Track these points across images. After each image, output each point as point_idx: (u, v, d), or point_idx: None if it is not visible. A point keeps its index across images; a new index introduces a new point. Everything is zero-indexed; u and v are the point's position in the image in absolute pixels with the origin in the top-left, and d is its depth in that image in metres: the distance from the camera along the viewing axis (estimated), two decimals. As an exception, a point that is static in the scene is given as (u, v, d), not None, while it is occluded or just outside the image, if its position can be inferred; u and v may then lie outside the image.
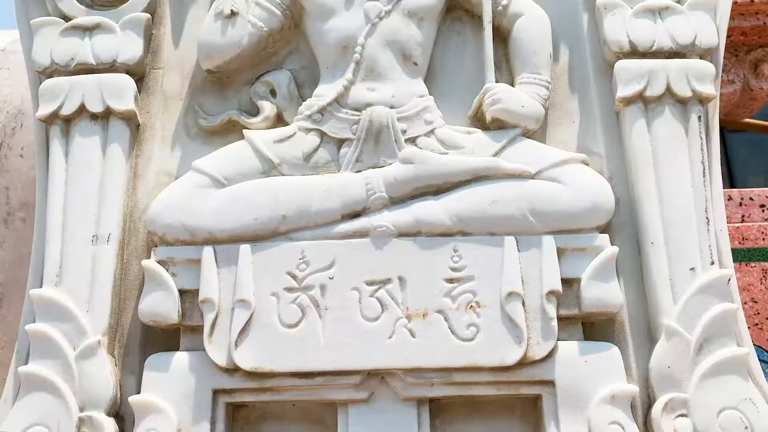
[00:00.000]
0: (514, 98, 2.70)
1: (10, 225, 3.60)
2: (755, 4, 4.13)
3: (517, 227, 2.55)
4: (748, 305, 3.50)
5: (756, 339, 3.47)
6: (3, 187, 3.62)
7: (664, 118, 2.67)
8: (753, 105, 4.39)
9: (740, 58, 4.29)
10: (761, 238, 3.59)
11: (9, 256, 3.57)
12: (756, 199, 3.83)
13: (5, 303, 3.53)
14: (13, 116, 3.69)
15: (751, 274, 3.55)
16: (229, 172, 2.64)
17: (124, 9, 2.87)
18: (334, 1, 2.83)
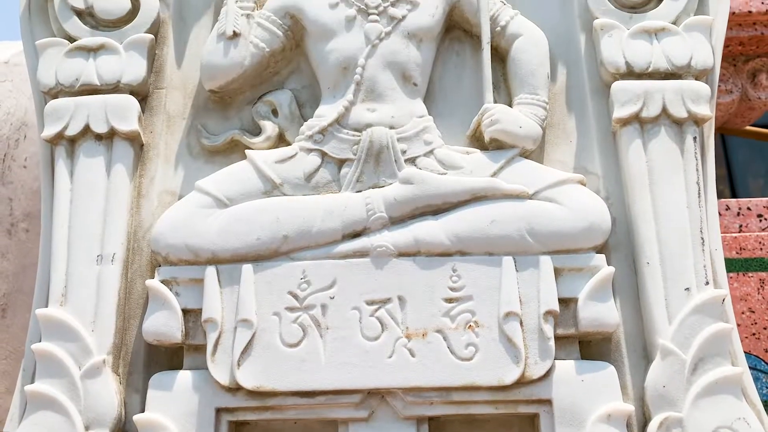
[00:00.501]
0: (511, 119, 2.73)
1: (14, 236, 3.63)
2: (753, 15, 4.16)
3: (515, 247, 2.59)
4: (746, 315, 3.54)
5: (753, 348, 3.50)
6: (6, 198, 3.65)
7: (660, 139, 2.70)
8: (751, 114, 4.42)
9: (738, 67, 4.32)
10: (758, 248, 3.61)
11: (12, 266, 3.61)
12: (753, 209, 3.86)
13: (9, 313, 3.56)
14: (16, 128, 3.73)
15: (748, 284, 3.57)
16: (232, 193, 2.68)
17: (127, 30, 2.90)
18: (334, 22, 2.86)
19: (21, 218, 3.67)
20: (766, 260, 3.61)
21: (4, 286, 3.57)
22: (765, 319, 3.52)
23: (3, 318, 3.54)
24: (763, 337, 3.50)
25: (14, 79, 3.83)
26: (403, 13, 2.85)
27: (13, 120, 3.74)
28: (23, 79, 3.83)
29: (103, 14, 2.92)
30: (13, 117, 3.74)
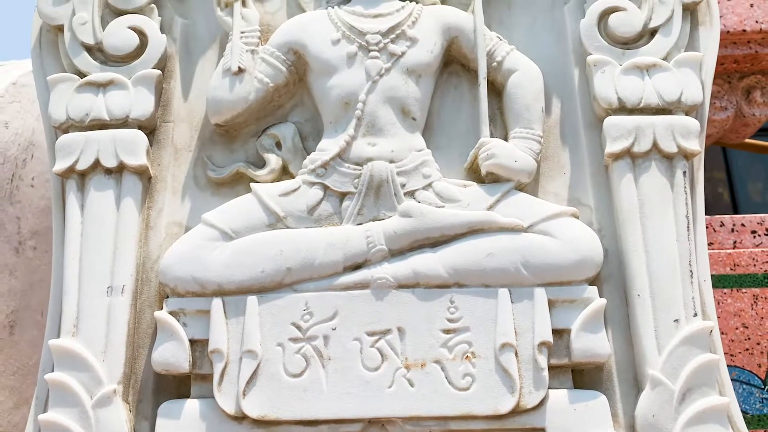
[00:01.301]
0: (507, 153, 2.83)
1: (22, 254, 3.73)
2: (747, 33, 4.25)
3: (511, 279, 2.68)
4: (739, 330, 3.62)
5: (747, 364, 3.59)
6: (14, 217, 3.74)
7: (651, 174, 2.79)
8: (745, 131, 4.51)
9: (733, 84, 4.40)
10: (752, 264, 3.69)
11: (20, 284, 3.70)
12: (747, 225, 3.95)
13: (17, 330, 3.65)
14: (24, 148, 3.81)
15: (742, 299, 3.66)
16: (237, 225, 2.77)
17: (136, 65, 2.99)
18: (336, 58, 2.95)
19: (28, 236, 3.76)
20: (760, 276, 3.69)
21: (12, 303, 3.65)
22: (758, 334, 3.61)
23: (11, 335, 3.63)
24: (756, 353, 3.59)
25: (22, 100, 3.90)
26: (402, 50, 2.94)
27: (21, 140, 3.82)
28: (31, 100, 3.92)
29: (112, 50, 3.00)
30: (20, 137, 3.82)
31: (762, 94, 4.43)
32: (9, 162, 3.77)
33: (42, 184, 3.87)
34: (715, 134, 4.53)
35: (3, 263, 3.66)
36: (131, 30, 3.03)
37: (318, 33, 2.99)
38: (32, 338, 3.71)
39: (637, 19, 2.96)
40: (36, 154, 3.86)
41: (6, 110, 3.86)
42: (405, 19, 2.99)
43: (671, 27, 2.96)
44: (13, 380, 3.60)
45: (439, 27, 3.01)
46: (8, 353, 3.61)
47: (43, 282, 3.79)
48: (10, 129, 3.81)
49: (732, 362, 3.59)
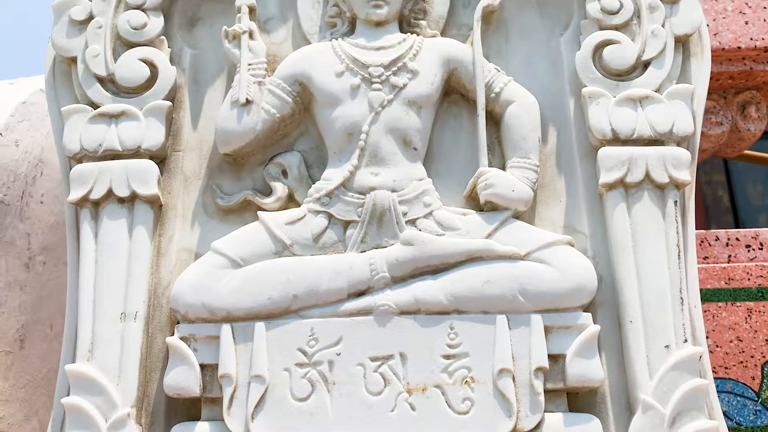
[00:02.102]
0: (505, 183, 2.93)
1: (32, 269, 3.83)
2: (742, 50, 4.34)
3: (508, 306, 2.79)
4: (734, 343, 3.72)
5: (741, 376, 3.69)
6: (25, 233, 3.84)
7: (643, 203, 2.90)
8: (741, 145, 4.60)
9: (728, 100, 4.49)
10: (746, 278, 3.79)
11: (30, 298, 3.81)
12: (742, 239, 4.05)
13: (27, 343, 3.77)
14: (33, 165, 3.91)
15: (736, 313, 3.75)
16: (245, 253, 2.88)
17: (147, 97, 3.09)
18: (340, 90, 3.06)
19: (38, 252, 3.87)
20: (754, 290, 3.79)
21: (22, 317, 3.76)
22: (752, 347, 3.71)
23: (21, 348, 3.73)
24: (750, 366, 3.68)
25: (31, 118, 4.00)
26: (404, 82, 3.05)
27: (31, 158, 3.92)
28: (40, 118, 4.02)
29: (123, 82, 3.10)
30: (30, 155, 3.92)
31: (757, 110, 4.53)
32: (19, 179, 3.87)
33: (51, 201, 3.97)
34: (711, 149, 4.63)
35: (14, 279, 3.76)
36: (142, 62, 3.13)
37: (323, 65, 3.09)
38: (42, 351, 3.82)
39: (631, 51, 3.06)
40: (45, 171, 3.97)
41: (16, 129, 3.95)
42: (406, 52, 3.10)
43: (664, 59, 3.06)
44: (23, 393, 3.71)
45: (439, 59, 3.11)
46: (19, 366, 3.72)
47: (52, 296, 3.91)
48: (20, 147, 3.91)
49: (726, 375, 3.69)
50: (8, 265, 3.75)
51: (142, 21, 3.17)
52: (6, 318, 3.70)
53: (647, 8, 3.10)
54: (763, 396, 3.68)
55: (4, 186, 3.80)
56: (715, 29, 4.36)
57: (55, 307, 3.91)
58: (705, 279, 3.81)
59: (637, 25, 3.11)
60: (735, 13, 4.40)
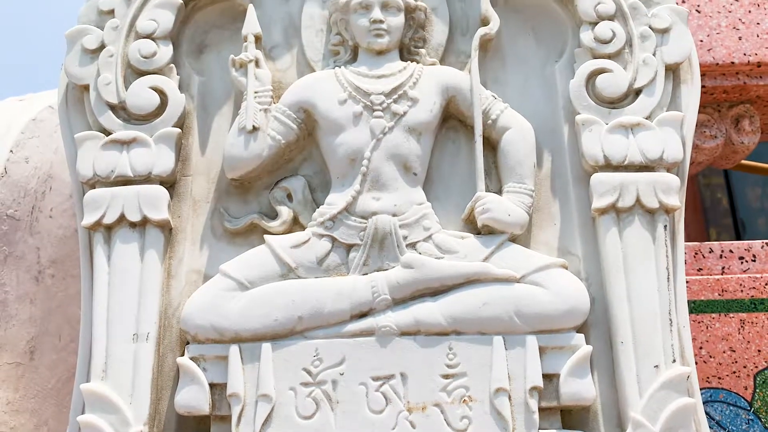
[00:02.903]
0: (501, 208, 3.06)
1: (41, 282, 3.96)
2: (735, 65, 4.44)
3: (505, 328, 2.92)
4: (727, 354, 3.83)
5: (733, 386, 3.80)
6: (34, 247, 3.97)
7: (634, 228, 3.02)
8: (735, 157, 4.70)
9: (722, 113, 4.59)
10: (739, 290, 3.90)
11: (39, 311, 3.94)
12: (735, 251, 4.16)
13: (37, 355, 3.89)
14: (43, 180, 4.03)
15: (729, 324, 3.86)
16: (252, 276, 3.01)
17: (157, 124, 3.21)
18: (343, 117, 3.18)
19: (47, 265, 3.99)
20: (747, 302, 3.90)
21: (32, 330, 3.89)
22: (745, 358, 3.82)
23: (31, 360, 3.86)
24: (743, 376, 3.80)
25: (41, 135, 4.13)
26: (404, 109, 3.17)
27: (40, 173, 4.04)
28: (48, 134, 4.14)
29: (134, 109, 3.22)
30: (40, 171, 4.04)
31: (750, 123, 4.62)
32: (29, 195, 3.99)
33: (60, 215, 4.09)
34: (705, 161, 4.74)
35: (24, 293, 3.89)
36: (152, 90, 3.24)
37: (326, 93, 3.22)
38: (50, 362, 3.94)
39: (623, 80, 3.17)
40: (54, 186, 4.08)
41: (26, 146, 4.08)
42: (407, 80, 3.21)
43: (654, 87, 3.17)
44: (33, 403, 3.83)
45: (438, 87, 3.23)
46: (29, 378, 3.84)
47: (60, 308, 4.03)
48: (30, 164, 4.03)
49: (719, 384, 3.81)
50: (19, 278, 3.88)
51: (152, 50, 3.28)
52: (17, 330, 3.84)
53: (639, 37, 3.22)
54: (755, 405, 3.78)
55: (15, 202, 3.92)
56: (709, 45, 4.46)
57: (64, 318, 4.02)
58: (699, 291, 3.92)
59: (629, 53, 3.22)
60: (728, 29, 4.50)
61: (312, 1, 3.46)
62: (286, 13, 3.48)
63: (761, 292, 3.92)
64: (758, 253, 4.15)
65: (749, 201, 8.46)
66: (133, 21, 3.33)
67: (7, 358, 3.80)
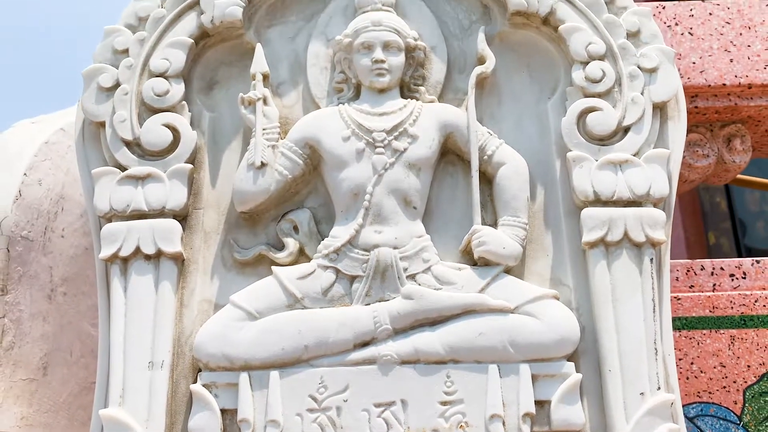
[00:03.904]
0: (496, 241, 3.23)
1: (54, 300, 4.12)
2: (727, 87, 4.55)
3: (499, 357, 3.09)
4: (717, 369, 3.97)
5: (724, 401, 3.93)
6: (47, 266, 4.12)
7: (622, 261, 3.19)
8: (726, 175, 4.82)
9: (715, 133, 4.70)
10: (730, 307, 4.03)
11: (52, 328, 4.10)
12: (726, 269, 4.29)
13: (50, 370, 4.05)
14: (55, 201, 4.19)
15: (720, 340, 4.00)
16: (261, 306, 3.19)
17: (170, 160, 3.38)
18: (347, 154, 3.35)
19: (59, 283, 4.16)
20: (737, 318, 4.03)
21: (45, 346, 4.05)
22: (734, 373, 3.95)
23: (45, 375, 4.02)
24: (733, 390, 3.93)
25: (53, 157, 4.28)
26: (404, 146, 3.34)
27: (53, 195, 4.19)
28: (60, 156, 4.30)
29: (148, 146, 3.38)
30: (52, 192, 4.19)
31: (741, 142, 4.74)
32: (42, 216, 4.15)
33: (71, 234, 4.24)
34: (698, 179, 4.87)
35: (37, 310, 4.05)
36: (165, 127, 3.41)
37: (331, 130, 3.39)
38: (62, 376, 4.11)
39: (612, 118, 3.34)
40: (66, 206, 4.25)
41: (39, 168, 4.23)
42: (407, 118, 3.38)
43: (642, 125, 3.34)
44: (46, 417, 3.99)
45: (436, 124, 3.40)
46: (42, 392, 4.00)
47: (71, 324, 4.20)
48: (43, 186, 4.19)
49: (710, 399, 3.95)
50: (32, 297, 4.04)
51: (165, 88, 3.45)
52: (30, 347, 4.00)
53: (628, 77, 3.38)
54: (744, 420, 3.90)
55: (28, 223, 4.08)
56: (701, 66, 4.59)
57: (75, 334, 4.19)
58: (690, 307, 4.06)
59: (619, 92, 3.38)
60: (720, 52, 4.62)
61: (317, 40, 3.63)
62: (292, 51, 3.65)
63: (751, 308, 4.05)
64: (749, 271, 4.28)
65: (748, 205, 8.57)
66: (147, 60, 3.49)
67: (22, 375, 3.94)
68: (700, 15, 4.68)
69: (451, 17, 3.67)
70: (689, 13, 4.66)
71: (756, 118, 4.66)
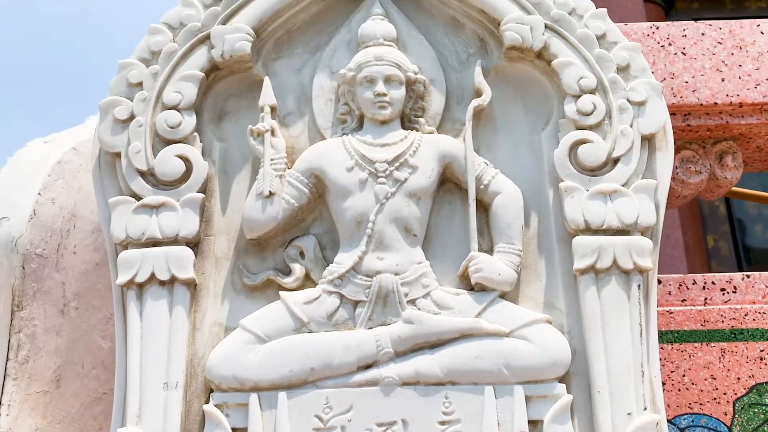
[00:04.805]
0: (492, 267, 3.41)
1: (66, 315, 4.28)
2: (718, 105, 4.67)
3: (495, 378, 3.27)
4: (708, 381, 4.12)
5: (714, 412, 4.07)
6: (60, 282, 4.28)
7: (611, 287, 3.36)
8: (719, 191, 4.96)
9: (707, 149, 4.83)
10: (720, 321, 4.19)
11: (65, 342, 4.26)
12: (717, 283, 4.44)
13: (62, 383, 4.22)
14: (67, 219, 4.34)
15: (710, 353, 4.15)
16: (269, 330, 3.37)
17: (182, 189, 3.55)
18: (350, 183, 3.53)
19: (72, 298, 4.32)
20: (727, 332, 4.19)
21: (58, 359, 4.21)
22: (725, 385, 4.10)
23: (57, 387, 4.18)
24: (723, 402, 4.09)
25: (65, 176, 4.44)
26: (405, 176, 3.51)
27: (65, 213, 4.36)
28: (73, 175, 4.46)
29: (162, 176, 3.56)
30: (65, 210, 4.35)
31: (733, 159, 4.87)
32: (55, 234, 4.31)
33: (82, 250, 4.40)
34: (690, 194, 5.02)
35: (51, 325, 4.21)
36: (178, 158, 3.58)
37: (335, 161, 3.57)
38: (74, 388, 4.27)
39: (602, 150, 3.51)
40: (78, 224, 4.41)
41: (52, 188, 4.38)
42: (407, 149, 3.56)
43: (631, 156, 3.51)
44: (59, 428, 4.14)
45: (435, 154, 3.58)
46: (56, 405, 4.16)
47: (83, 338, 4.36)
48: (56, 204, 4.35)
49: (701, 410, 4.09)
50: (46, 312, 4.20)
51: (178, 120, 3.62)
52: (45, 361, 4.16)
53: (617, 110, 3.55)
54: (734, 430, 4.05)
55: (42, 241, 4.25)
56: (693, 86, 4.73)
57: (86, 347, 4.35)
58: (682, 321, 4.21)
59: (609, 125, 3.55)
60: (712, 71, 4.75)
61: (322, 73, 3.81)
62: (299, 83, 3.83)
63: (741, 322, 4.20)
64: (739, 285, 4.42)
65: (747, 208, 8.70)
66: (160, 93, 3.66)
67: (36, 387, 4.10)
68: (693, 35, 4.82)
69: (449, 50, 3.85)
70: (682, 34, 4.81)
71: (747, 136, 4.80)
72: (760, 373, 4.13)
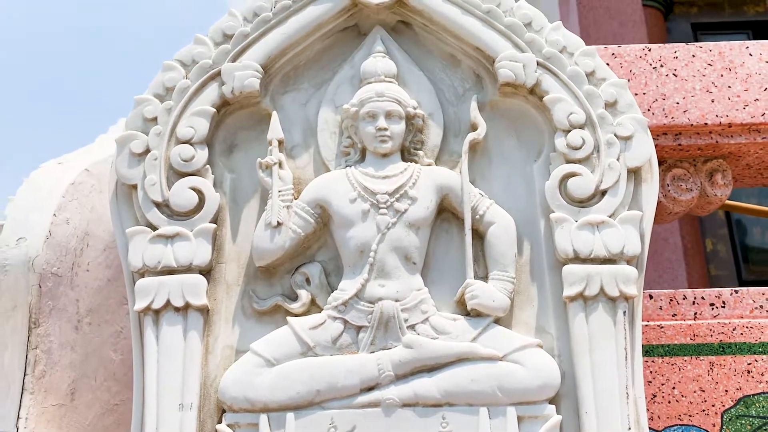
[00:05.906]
0: (487, 294, 3.62)
1: (80, 330, 4.47)
2: (708, 125, 4.81)
3: (489, 400, 3.48)
4: (697, 393, 4.29)
5: (703, 423, 4.25)
6: (74, 299, 4.48)
7: (598, 313, 3.57)
8: (709, 207, 5.09)
9: (698, 168, 4.97)
10: (709, 335, 4.36)
11: (79, 356, 4.45)
12: (707, 298, 4.59)
13: (77, 395, 4.42)
14: (81, 238, 4.54)
15: (700, 366, 4.32)
16: (278, 354, 3.58)
17: (196, 220, 3.75)
18: (353, 214, 3.74)
19: (85, 314, 4.52)
20: (716, 346, 4.36)
21: (72, 373, 4.41)
22: (713, 397, 4.28)
23: (72, 400, 4.38)
24: (711, 413, 4.26)
25: (79, 197, 4.63)
26: (405, 207, 3.72)
27: (79, 233, 4.55)
28: (85, 195, 4.65)
29: (176, 207, 3.76)
30: (78, 230, 4.55)
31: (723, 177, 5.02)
32: (70, 253, 4.50)
33: (95, 268, 4.60)
34: (681, 211, 5.19)
35: (65, 340, 4.41)
36: (191, 190, 3.79)
37: (339, 192, 3.78)
38: (87, 401, 4.47)
39: (591, 182, 3.71)
40: (91, 242, 4.61)
41: (67, 208, 4.57)
42: (407, 181, 3.77)
43: (618, 188, 3.71)
44: (73, 440, 4.37)
45: (433, 186, 3.79)
46: (71, 417, 4.36)
47: (96, 352, 4.56)
48: (70, 225, 4.54)
49: (690, 422, 4.26)
50: (61, 328, 4.40)
51: (191, 154, 3.83)
52: (60, 375, 4.36)
53: (605, 144, 3.75)
54: (722, 441, 4.21)
55: (57, 260, 4.45)
56: (684, 107, 4.87)
57: (99, 361, 4.55)
58: (673, 335, 4.38)
59: (597, 158, 3.75)
60: (702, 92, 4.88)
61: (326, 107, 4.02)
62: (304, 116, 4.04)
63: (729, 336, 4.37)
64: (728, 300, 4.59)
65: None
66: (174, 128, 3.86)
67: (52, 401, 4.29)
68: (684, 57, 4.97)
69: (447, 85, 4.06)
70: (673, 55, 4.96)
71: (736, 154, 4.95)
72: (747, 385, 4.28)
